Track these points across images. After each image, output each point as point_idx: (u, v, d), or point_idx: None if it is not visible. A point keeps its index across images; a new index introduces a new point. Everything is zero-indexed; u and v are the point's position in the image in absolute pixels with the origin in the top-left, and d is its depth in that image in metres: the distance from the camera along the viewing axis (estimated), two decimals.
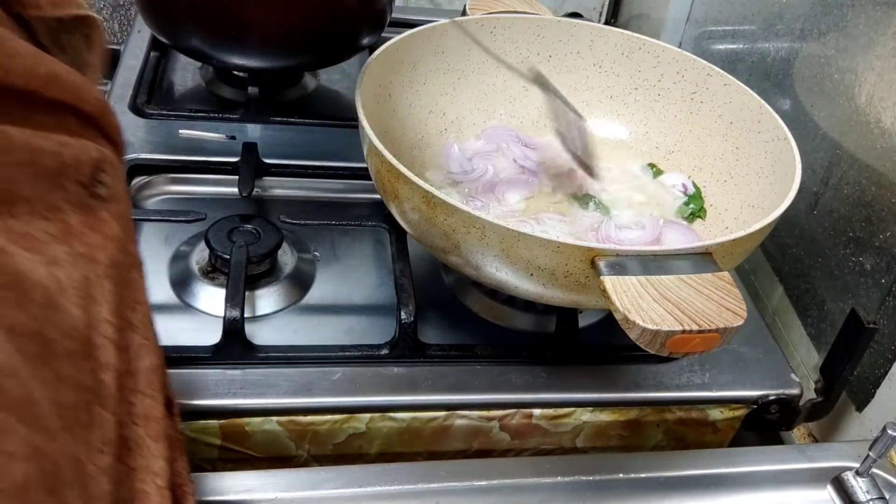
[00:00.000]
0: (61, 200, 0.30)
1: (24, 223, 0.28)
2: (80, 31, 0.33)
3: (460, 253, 0.53)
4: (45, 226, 0.29)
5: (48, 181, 0.30)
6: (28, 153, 0.28)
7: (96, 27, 0.34)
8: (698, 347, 0.45)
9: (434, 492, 0.51)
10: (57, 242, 0.30)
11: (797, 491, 0.55)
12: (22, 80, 0.28)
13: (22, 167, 0.28)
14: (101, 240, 0.32)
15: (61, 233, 0.30)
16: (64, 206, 0.30)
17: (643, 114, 0.74)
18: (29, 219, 0.29)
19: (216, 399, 0.55)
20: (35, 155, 0.29)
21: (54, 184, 0.30)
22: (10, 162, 0.28)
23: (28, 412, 0.25)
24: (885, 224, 0.61)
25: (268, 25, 0.74)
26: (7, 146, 0.27)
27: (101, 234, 0.32)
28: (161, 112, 0.80)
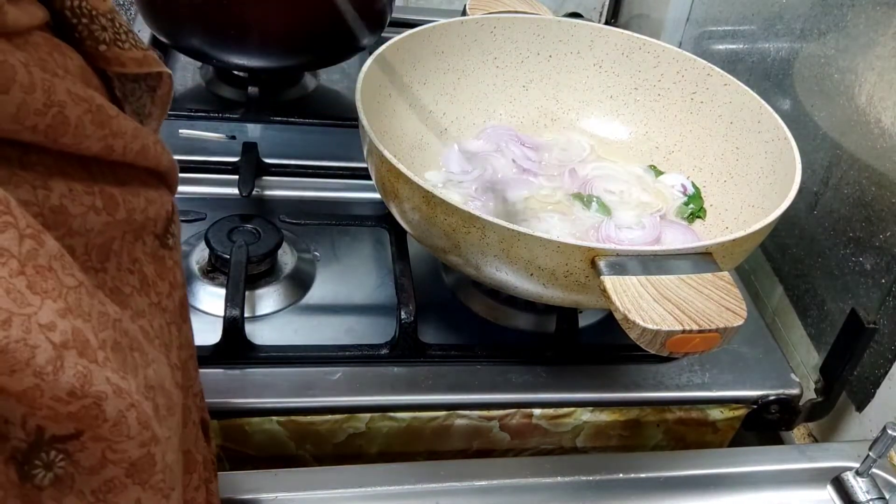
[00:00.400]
0: (140, 253, 0.32)
1: (113, 277, 0.30)
2: (147, 83, 0.34)
3: (460, 253, 0.53)
4: (129, 278, 0.31)
5: (133, 235, 0.31)
6: (126, 212, 0.30)
7: (165, 82, 0.35)
8: (698, 347, 0.45)
9: (434, 492, 0.51)
10: (138, 294, 0.31)
11: (797, 491, 0.55)
12: (121, 156, 0.29)
13: (121, 225, 0.30)
14: (167, 288, 0.33)
15: (141, 284, 0.31)
16: (142, 258, 0.32)
17: (643, 114, 0.74)
18: (116, 273, 0.30)
19: (216, 399, 0.55)
20: (131, 213, 0.30)
21: (137, 237, 0.31)
22: (114, 221, 0.29)
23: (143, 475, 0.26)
24: (885, 224, 0.61)
25: (268, 25, 0.74)
26: (113, 206, 0.29)
27: (168, 283, 0.33)
28: None
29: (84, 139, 0.27)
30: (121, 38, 0.31)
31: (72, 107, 0.26)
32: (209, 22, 0.74)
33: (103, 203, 0.28)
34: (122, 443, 0.25)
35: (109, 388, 0.24)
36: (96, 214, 0.28)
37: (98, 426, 0.24)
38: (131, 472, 0.26)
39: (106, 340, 0.25)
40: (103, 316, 0.25)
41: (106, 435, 0.24)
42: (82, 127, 0.27)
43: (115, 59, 0.31)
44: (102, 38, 0.30)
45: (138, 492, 0.26)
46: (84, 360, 0.24)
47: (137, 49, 0.32)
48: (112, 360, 0.25)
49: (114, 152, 0.29)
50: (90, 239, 0.28)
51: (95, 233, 0.28)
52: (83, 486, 0.25)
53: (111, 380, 0.25)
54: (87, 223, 0.27)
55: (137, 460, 0.26)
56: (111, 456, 0.25)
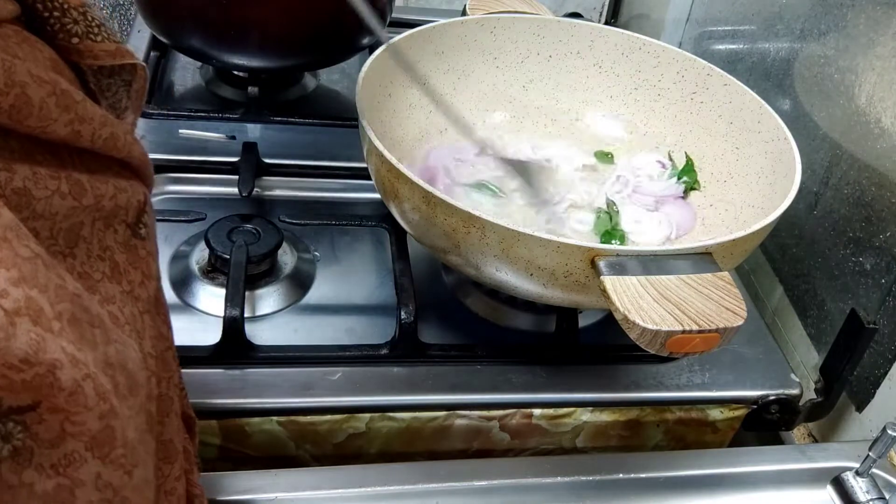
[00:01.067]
0: (111, 241, 0.32)
1: (82, 263, 0.30)
2: (122, 77, 0.34)
3: (460, 253, 0.53)
4: (99, 265, 0.31)
5: (103, 222, 0.31)
6: (94, 198, 0.30)
7: (140, 76, 0.35)
8: (698, 347, 0.45)
9: (434, 492, 0.51)
10: (109, 281, 0.31)
11: (797, 491, 0.55)
12: (89, 143, 0.30)
13: (88, 210, 0.30)
14: (140, 277, 0.33)
15: (112, 271, 0.31)
16: (113, 246, 0.32)
17: (643, 114, 0.74)
18: (86, 259, 0.30)
19: (216, 399, 0.55)
20: (98, 199, 0.30)
21: (108, 224, 0.31)
22: (81, 206, 0.29)
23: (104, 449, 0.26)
24: (885, 224, 0.61)
25: (268, 25, 0.74)
26: (80, 191, 0.29)
27: (141, 272, 0.34)
28: (161, 112, 0.79)
29: (50, 122, 0.27)
30: (93, 30, 0.32)
31: (34, 88, 0.26)
32: (209, 22, 0.74)
33: (69, 188, 0.28)
34: (80, 414, 0.25)
35: (65, 356, 0.24)
36: (61, 199, 0.28)
37: (54, 396, 0.24)
38: (91, 446, 0.26)
39: (62, 312, 0.25)
40: (61, 289, 0.25)
41: (63, 405, 0.24)
42: (47, 109, 0.27)
43: (87, 52, 0.31)
44: (75, 31, 0.31)
45: (98, 466, 0.26)
46: (38, 329, 0.23)
47: (110, 41, 0.32)
48: (68, 331, 0.25)
49: (81, 138, 0.29)
50: (56, 223, 0.28)
51: (61, 217, 0.28)
52: (42, 459, 0.24)
53: (66, 349, 0.24)
54: (52, 207, 0.28)
55: (97, 433, 0.26)
56: (70, 428, 0.25)
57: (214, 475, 0.49)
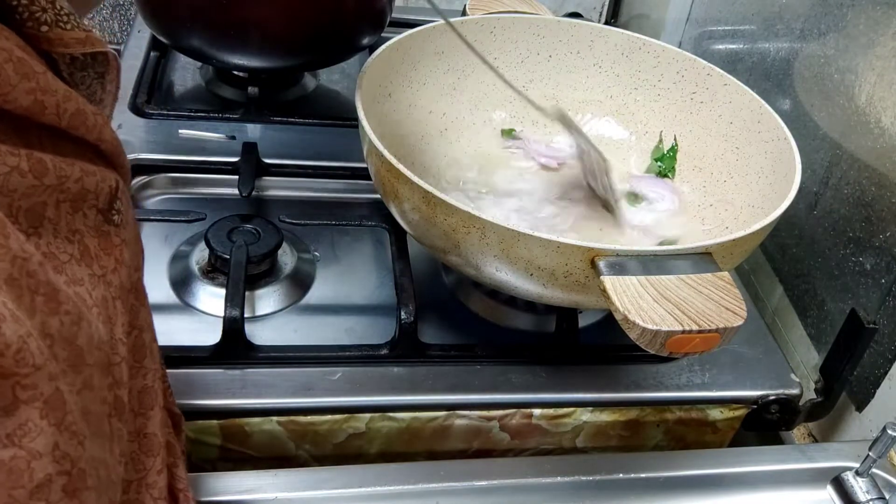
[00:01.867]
0: (81, 224, 0.32)
1: (48, 243, 0.30)
2: (95, 69, 0.35)
3: (460, 253, 0.53)
4: (67, 247, 0.31)
5: (70, 205, 0.31)
6: (57, 178, 0.30)
7: (112, 66, 0.35)
8: (698, 347, 0.45)
9: (434, 492, 0.51)
10: (77, 263, 0.31)
11: (797, 491, 0.56)
12: (54, 117, 0.30)
13: (51, 191, 0.30)
14: (113, 263, 0.33)
15: (81, 254, 0.31)
16: (83, 230, 0.32)
17: (643, 114, 0.74)
18: (52, 239, 0.30)
19: (216, 399, 0.55)
20: (62, 180, 0.30)
21: (76, 208, 0.31)
22: (42, 186, 0.29)
23: (58, 413, 0.26)
24: (885, 224, 0.61)
25: (268, 25, 0.74)
26: (41, 170, 0.29)
27: (114, 258, 0.33)
28: (161, 112, 0.80)
29: (9, 89, 0.27)
30: (62, 19, 0.31)
31: None
32: (209, 22, 0.74)
33: (29, 166, 0.28)
34: (29, 375, 0.25)
35: (6, 311, 0.24)
36: (21, 176, 0.28)
37: (1, 355, 0.24)
38: (45, 412, 0.25)
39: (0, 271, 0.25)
40: (2, 248, 0.25)
41: (11, 366, 0.24)
42: (5, 75, 0.27)
43: (57, 40, 0.31)
44: (43, 20, 0.31)
45: (55, 434, 0.26)
46: None
47: (80, 30, 0.32)
48: (5, 290, 0.25)
49: (46, 109, 0.29)
50: (14, 200, 0.28)
51: (19, 195, 0.28)
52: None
53: (7, 305, 0.24)
54: (10, 184, 0.28)
55: (49, 397, 0.25)
56: (22, 395, 0.25)
57: (214, 475, 0.49)
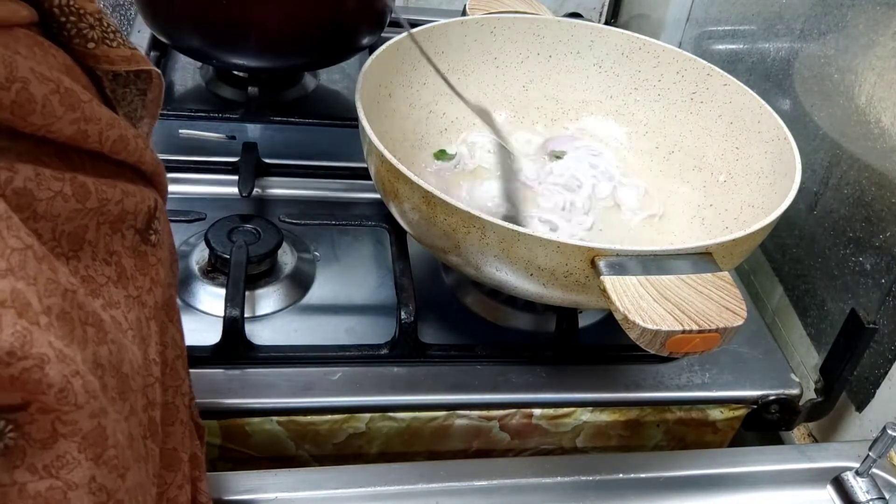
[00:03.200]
0: (119, 246, 0.32)
1: (86, 266, 0.30)
2: (137, 87, 0.35)
3: (460, 253, 0.53)
4: (104, 269, 0.31)
5: (110, 227, 0.31)
6: (98, 201, 0.30)
7: (155, 84, 0.35)
8: (698, 347, 0.45)
9: (434, 492, 0.51)
10: (114, 285, 0.31)
11: (797, 491, 0.55)
12: (97, 144, 0.30)
13: (92, 214, 0.30)
14: (149, 284, 0.33)
15: (118, 276, 0.31)
16: (121, 251, 0.32)
17: (643, 114, 0.74)
18: (91, 262, 0.30)
19: (216, 399, 0.55)
20: (103, 203, 0.30)
21: (115, 229, 0.32)
22: (84, 209, 0.29)
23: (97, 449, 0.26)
24: (885, 224, 0.61)
25: (268, 25, 0.74)
26: (84, 194, 0.29)
27: (150, 279, 0.34)
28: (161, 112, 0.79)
29: (54, 120, 0.27)
30: (109, 36, 0.32)
31: (36, 84, 0.26)
32: (209, 22, 0.74)
33: (72, 190, 0.28)
34: (70, 413, 0.25)
35: (52, 351, 0.24)
36: (64, 201, 0.28)
37: (43, 392, 0.24)
38: (84, 447, 0.25)
39: (52, 307, 0.25)
40: (52, 283, 0.25)
41: (53, 404, 0.24)
42: (50, 107, 0.27)
43: (104, 57, 0.32)
44: (91, 37, 0.31)
45: (92, 468, 0.26)
46: (24, 321, 0.23)
47: (126, 48, 0.32)
48: (56, 326, 0.25)
49: (88, 138, 0.29)
50: (58, 225, 0.28)
51: (63, 219, 0.28)
52: (35, 459, 0.24)
53: (54, 344, 0.24)
54: (54, 209, 0.28)
55: (89, 433, 0.25)
56: (62, 429, 0.25)
57: (214, 475, 0.49)
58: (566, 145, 0.73)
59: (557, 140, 0.74)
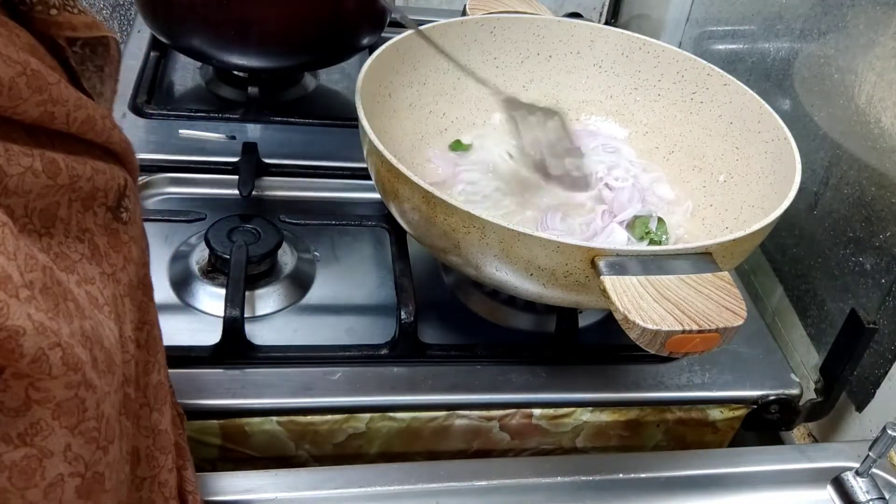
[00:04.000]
0: (91, 223, 0.32)
1: (59, 243, 0.30)
2: (94, 62, 0.35)
3: (460, 253, 0.53)
4: (77, 246, 0.31)
5: (82, 204, 0.31)
6: (69, 177, 0.30)
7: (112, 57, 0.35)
8: (698, 347, 0.45)
9: (434, 492, 0.51)
10: (88, 262, 0.31)
11: (797, 491, 0.55)
12: (63, 125, 0.30)
13: (63, 190, 0.30)
14: (122, 261, 0.34)
15: (92, 253, 0.32)
16: (93, 229, 0.32)
17: (643, 114, 0.74)
18: (63, 239, 0.30)
19: (216, 399, 0.55)
20: (74, 179, 0.30)
21: (87, 206, 0.32)
22: (56, 185, 0.29)
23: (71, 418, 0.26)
24: (885, 224, 0.61)
25: (268, 25, 0.74)
26: (54, 170, 0.29)
27: (122, 256, 0.34)
28: (161, 112, 0.80)
29: (20, 102, 0.27)
30: (69, 3, 0.32)
31: (2, 67, 0.26)
32: (209, 22, 0.74)
33: (43, 166, 0.28)
34: (43, 381, 0.25)
35: (30, 323, 0.24)
36: (34, 177, 0.28)
37: (16, 360, 0.24)
38: (58, 414, 0.25)
39: (33, 282, 0.25)
40: (31, 259, 0.25)
41: (26, 371, 0.24)
42: (17, 89, 0.27)
43: (66, 24, 0.32)
44: (52, 3, 0.31)
45: (67, 436, 0.26)
46: (2, 294, 0.23)
47: (86, 15, 0.32)
48: (40, 300, 0.25)
49: (55, 119, 0.29)
50: (29, 201, 0.28)
51: (35, 195, 0.28)
52: (9, 428, 0.24)
53: (33, 317, 0.24)
54: (25, 184, 0.28)
55: (63, 402, 0.26)
56: (35, 395, 0.25)
57: (214, 475, 0.49)
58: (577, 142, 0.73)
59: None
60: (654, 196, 0.69)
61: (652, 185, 0.70)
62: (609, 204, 0.67)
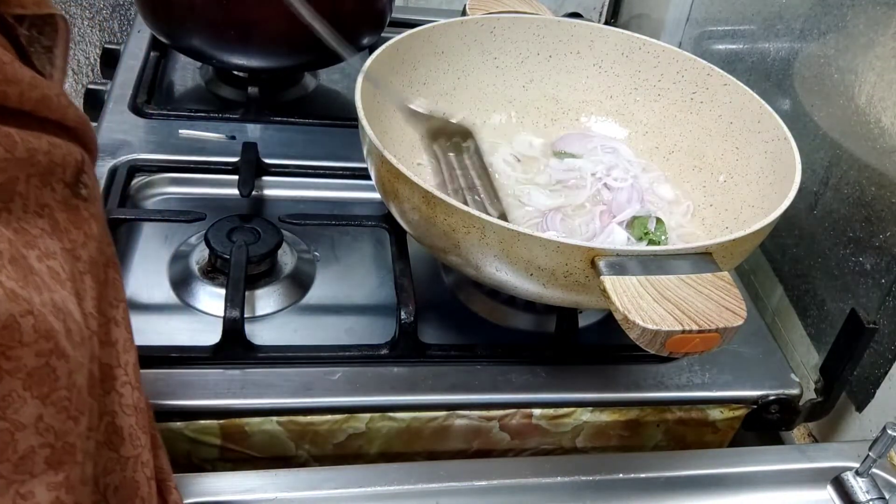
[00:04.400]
0: (50, 199, 0.32)
1: (18, 219, 0.30)
2: (41, 44, 0.35)
3: (460, 253, 0.53)
4: (37, 221, 0.31)
5: (39, 179, 0.31)
6: (26, 151, 0.30)
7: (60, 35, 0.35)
8: (698, 347, 0.45)
9: (434, 492, 0.51)
10: (48, 237, 0.31)
11: (797, 491, 0.55)
12: (17, 103, 0.30)
13: (21, 164, 0.30)
14: (82, 237, 0.33)
15: (51, 228, 0.31)
16: (52, 204, 0.32)
17: (643, 114, 0.74)
18: (22, 214, 0.30)
19: (216, 399, 0.55)
20: (32, 153, 0.30)
21: (45, 182, 0.31)
22: (14, 159, 0.29)
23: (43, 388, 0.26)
24: (885, 224, 0.61)
25: (268, 25, 0.74)
26: (10, 143, 0.29)
27: (83, 232, 0.33)
28: (161, 112, 0.80)
29: None
30: None
31: None
32: (209, 22, 0.74)
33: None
34: (14, 349, 0.25)
35: (1, 290, 0.24)
36: None
37: None
38: (28, 384, 0.25)
39: (2, 252, 0.25)
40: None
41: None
42: None
43: (15, 1, 0.32)
44: None
45: (39, 407, 0.26)
46: None
47: None
48: (10, 269, 0.25)
49: (8, 98, 0.29)
50: None
51: None
52: None
53: (5, 284, 0.24)
54: None
55: (34, 370, 0.25)
56: (5, 365, 0.25)
57: (214, 475, 0.49)
58: (575, 145, 0.73)
59: (565, 139, 0.74)
60: (653, 196, 0.69)
61: (652, 185, 0.70)
62: (608, 204, 0.68)
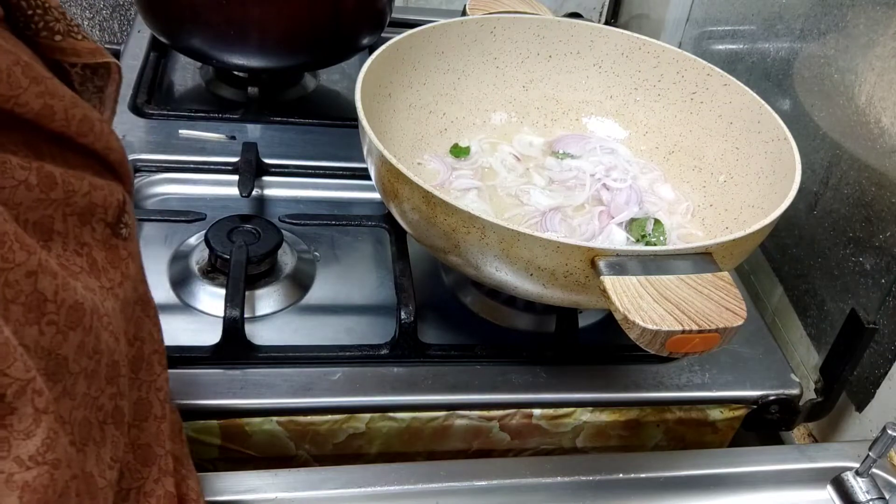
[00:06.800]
0: (89, 238, 0.32)
1: (58, 255, 0.30)
2: (94, 83, 0.35)
3: (460, 253, 0.53)
4: (76, 259, 0.31)
5: (78, 219, 0.31)
6: (64, 192, 0.30)
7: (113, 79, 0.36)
8: (698, 347, 0.45)
9: (434, 492, 0.51)
10: (88, 275, 0.31)
11: (797, 491, 0.56)
12: (63, 123, 0.30)
13: (57, 204, 0.30)
14: (120, 277, 0.34)
15: (90, 267, 0.32)
16: (91, 243, 0.32)
17: (643, 114, 0.74)
18: (62, 252, 0.30)
19: (216, 399, 0.55)
20: (69, 194, 0.30)
21: (84, 221, 0.32)
22: (48, 199, 0.29)
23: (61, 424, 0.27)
24: (885, 224, 0.61)
25: (268, 25, 0.74)
26: (49, 184, 0.29)
27: (120, 273, 0.34)
28: (161, 112, 0.80)
29: (20, 91, 0.28)
30: (73, 30, 0.32)
31: None
32: (209, 22, 0.74)
33: (38, 180, 0.29)
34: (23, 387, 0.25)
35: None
36: (28, 190, 0.28)
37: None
38: None
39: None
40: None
41: None
42: (15, 77, 0.27)
43: (70, 50, 0.32)
44: (57, 29, 0.32)
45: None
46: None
47: (90, 41, 0.33)
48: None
49: (55, 114, 0.29)
50: (20, 213, 0.28)
51: (25, 208, 0.28)
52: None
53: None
54: (16, 197, 0.28)
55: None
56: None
57: (214, 475, 0.49)
58: (574, 145, 0.73)
59: (564, 140, 0.74)
60: (653, 196, 0.69)
61: (651, 186, 0.70)
62: (607, 205, 0.67)
